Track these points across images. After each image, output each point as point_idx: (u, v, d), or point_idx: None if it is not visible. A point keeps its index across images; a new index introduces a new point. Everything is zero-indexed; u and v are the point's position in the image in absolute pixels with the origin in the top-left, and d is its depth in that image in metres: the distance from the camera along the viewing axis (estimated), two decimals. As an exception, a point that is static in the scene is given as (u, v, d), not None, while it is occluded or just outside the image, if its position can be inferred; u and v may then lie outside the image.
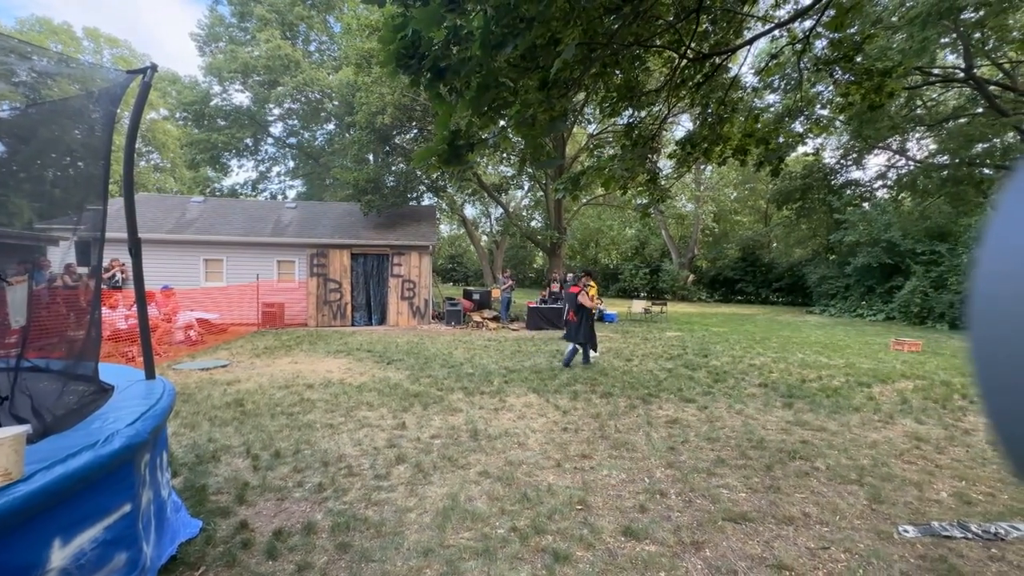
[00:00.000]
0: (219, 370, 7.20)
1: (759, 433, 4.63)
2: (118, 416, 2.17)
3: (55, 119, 3.28)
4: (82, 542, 1.66)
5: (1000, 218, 0.49)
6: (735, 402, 5.70)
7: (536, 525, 2.91)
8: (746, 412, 5.32)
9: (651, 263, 30.51)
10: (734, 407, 5.51)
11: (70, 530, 1.62)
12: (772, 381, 6.80)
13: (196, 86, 25.79)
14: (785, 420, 5.06)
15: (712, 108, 5.14)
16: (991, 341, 0.48)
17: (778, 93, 18.13)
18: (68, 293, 4.74)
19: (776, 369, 7.69)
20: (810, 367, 7.87)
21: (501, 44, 2.11)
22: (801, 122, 7.46)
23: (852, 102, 6.47)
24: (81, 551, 1.65)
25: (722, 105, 4.98)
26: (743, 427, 4.81)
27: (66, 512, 1.60)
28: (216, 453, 3.97)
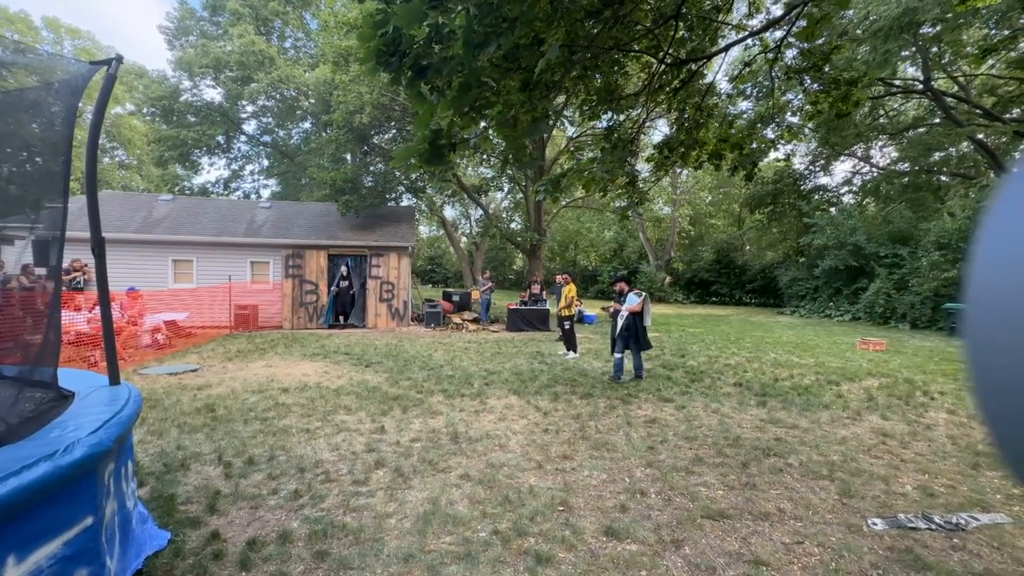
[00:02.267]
0: (189, 374, 6.94)
1: (735, 431, 4.73)
2: (79, 424, 2.06)
3: (10, 111, 3.11)
4: (39, 559, 1.57)
5: (995, 221, 0.49)
6: (711, 401, 5.82)
7: (518, 527, 2.90)
8: (722, 411, 5.44)
9: (629, 265, 30.94)
10: (711, 406, 5.62)
11: (26, 547, 1.52)
12: (747, 380, 6.96)
13: (165, 81, 24.88)
14: (759, 418, 5.19)
15: (689, 113, 5.24)
16: (988, 345, 0.48)
17: (750, 100, 18.68)
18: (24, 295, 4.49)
19: (750, 368, 7.88)
20: (782, 366, 8.10)
21: (484, 43, 2.10)
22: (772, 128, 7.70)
23: (821, 110, 6.71)
24: (38, 568, 1.56)
25: (698, 110, 5.09)
26: (720, 426, 4.91)
27: (21, 527, 1.51)
28: (185, 461, 3.82)
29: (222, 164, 29.34)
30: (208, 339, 10.52)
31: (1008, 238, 0.47)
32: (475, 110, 2.74)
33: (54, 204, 2.81)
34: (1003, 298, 0.45)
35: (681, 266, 29.09)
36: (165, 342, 9.56)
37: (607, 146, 5.08)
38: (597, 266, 32.81)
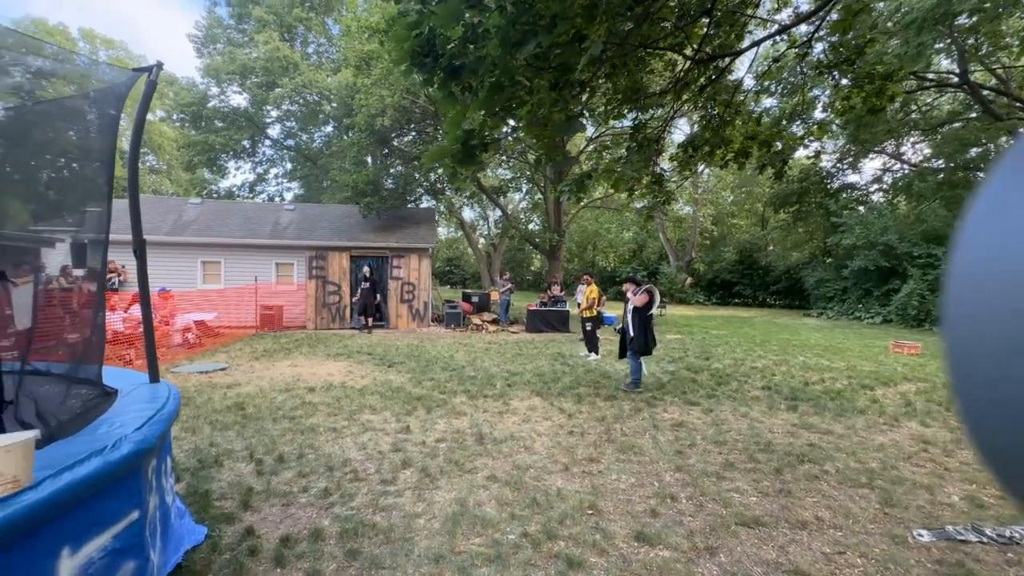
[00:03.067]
0: (218, 373, 7.12)
1: (766, 436, 4.61)
2: (124, 421, 2.11)
3: (49, 120, 3.23)
4: (91, 551, 1.61)
5: (985, 207, 0.45)
6: (740, 405, 5.68)
7: (547, 530, 2.87)
8: (751, 415, 5.30)
9: (649, 266, 30.58)
10: (739, 410, 5.49)
11: (79, 538, 1.57)
12: (775, 384, 6.79)
13: (194, 87, 25.67)
14: (791, 423, 5.04)
15: (718, 110, 5.14)
16: (969, 348, 0.45)
17: (775, 97, 18.26)
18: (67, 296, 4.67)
19: (778, 372, 7.68)
20: (812, 369, 7.87)
21: (521, 42, 2.09)
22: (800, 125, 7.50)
23: (853, 105, 6.51)
24: (90, 560, 1.60)
25: (727, 107, 4.98)
26: (749, 430, 4.79)
27: (75, 520, 1.55)
28: (219, 458, 3.90)
29: (248, 168, 30.12)
30: (235, 339, 10.77)
31: (999, 231, 0.43)
32: (506, 110, 2.73)
33: (95, 208, 2.91)
34: (991, 293, 0.42)
35: (703, 267, 28.59)
36: (195, 341, 9.83)
37: (632, 145, 5.02)
38: (616, 267, 32.50)
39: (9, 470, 1.31)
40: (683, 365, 8.17)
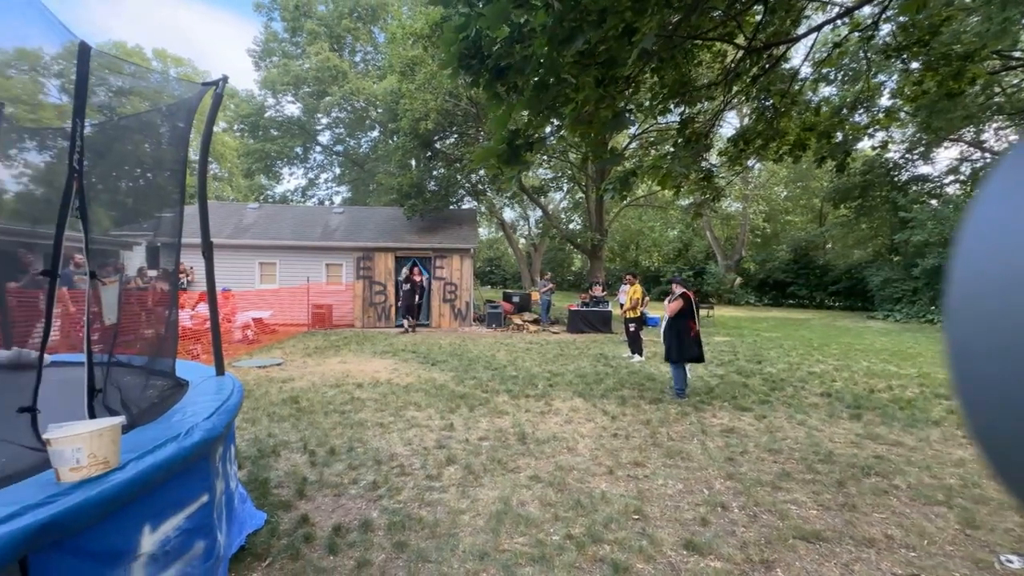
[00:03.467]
0: (274, 368, 7.52)
1: (826, 446, 4.33)
2: (194, 410, 2.27)
3: (128, 134, 3.52)
4: (168, 529, 1.74)
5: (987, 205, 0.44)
6: (796, 412, 5.37)
7: (592, 533, 2.83)
8: (809, 423, 5.00)
9: (695, 265, 29.54)
10: (795, 417, 5.19)
11: (158, 517, 1.70)
12: (836, 390, 6.37)
13: (252, 99, 27.30)
14: (854, 433, 4.71)
15: (773, 101, 4.88)
16: (971, 346, 0.44)
17: (834, 85, 17.12)
18: (144, 294, 5.10)
19: (839, 378, 7.20)
20: (878, 376, 7.32)
21: (569, 39, 2.06)
22: (864, 114, 6.99)
23: (926, 90, 6.00)
24: (167, 538, 1.73)
25: (783, 98, 4.72)
26: (807, 439, 4.52)
27: (154, 500, 1.69)
28: (276, 448, 4.12)
29: (300, 173, 31.76)
30: (289, 336, 11.36)
31: (1001, 230, 0.42)
32: (551, 109, 2.71)
33: (169, 213, 3.14)
34: (995, 292, 0.41)
35: (753, 266, 27.29)
36: (253, 338, 10.45)
37: (680, 140, 4.86)
38: (660, 266, 31.63)
39: (101, 452, 1.44)
40: (733, 369, 7.83)
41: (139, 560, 1.61)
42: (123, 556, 1.54)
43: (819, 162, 5.79)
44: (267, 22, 27.85)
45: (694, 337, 5.85)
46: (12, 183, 4.26)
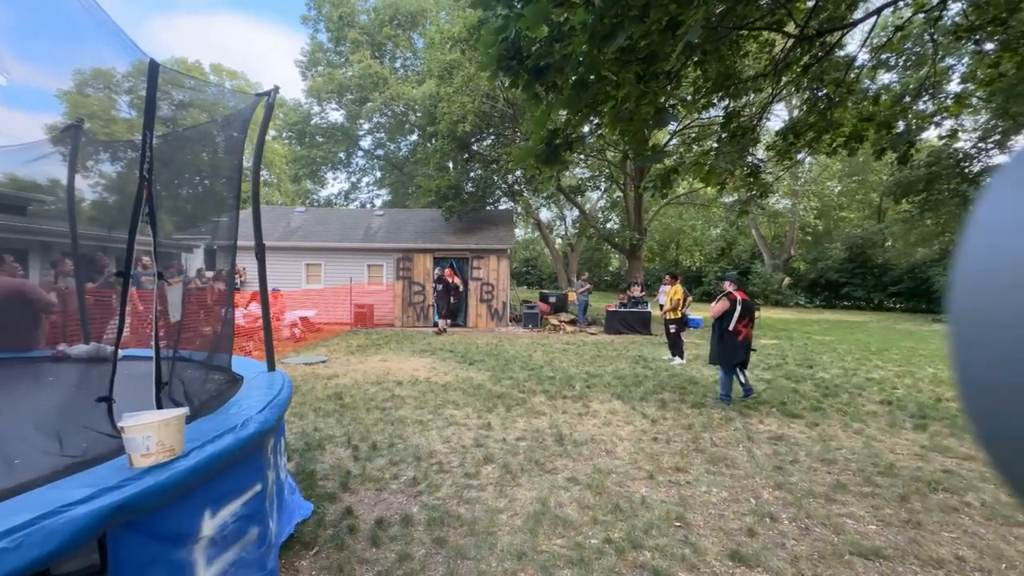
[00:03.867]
0: (319, 365, 7.84)
1: (886, 457, 4.05)
2: (248, 404, 2.40)
3: (188, 144, 3.77)
4: (226, 515, 1.85)
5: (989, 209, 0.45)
6: (852, 420, 5.06)
7: (632, 539, 2.77)
8: (867, 432, 4.69)
9: (739, 265, 28.38)
10: (851, 426, 4.89)
11: (217, 503, 1.81)
12: (897, 398, 5.94)
13: (299, 107, 28.58)
14: (919, 444, 4.38)
15: (828, 90, 4.61)
16: (978, 351, 0.44)
17: (895, 71, 15.99)
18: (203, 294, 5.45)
19: (901, 385, 6.72)
20: (945, 384, 6.77)
21: (611, 35, 2.03)
22: (930, 101, 6.47)
23: (1003, 73, 5.52)
24: (225, 523, 1.84)
25: (838, 87, 4.45)
26: (865, 449, 4.24)
27: (214, 487, 1.79)
28: (321, 442, 4.29)
29: (343, 177, 32.90)
30: (333, 334, 11.80)
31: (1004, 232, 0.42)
32: (590, 107, 2.68)
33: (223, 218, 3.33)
34: (996, 292, 0.42)
35: (803, 266, 25.91)
36: (300, 336, 10.93)
37: (724, 135, 4.67)
38: (702, 266, 30.61)
39: (168, 440, 1.55)
40: (781, 373, 7.46)
41: (200, 543, 1.71)
42: (187, 538, 1.65)
43: (878, 154, 5.43)
44: (313, 33, 29.08)
45: (741, 341, 5.52)
46: (89, 192, 4.66)
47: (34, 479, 1.43)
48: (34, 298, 3.61)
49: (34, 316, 3.58)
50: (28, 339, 3.48)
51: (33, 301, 3.59)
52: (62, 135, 3.87)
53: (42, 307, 3.65)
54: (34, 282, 3.80)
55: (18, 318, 3.45)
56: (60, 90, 20.54)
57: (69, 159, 3.73)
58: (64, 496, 1.29)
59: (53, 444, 1.66)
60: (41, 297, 3.68)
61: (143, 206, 1.87)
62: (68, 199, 3.70)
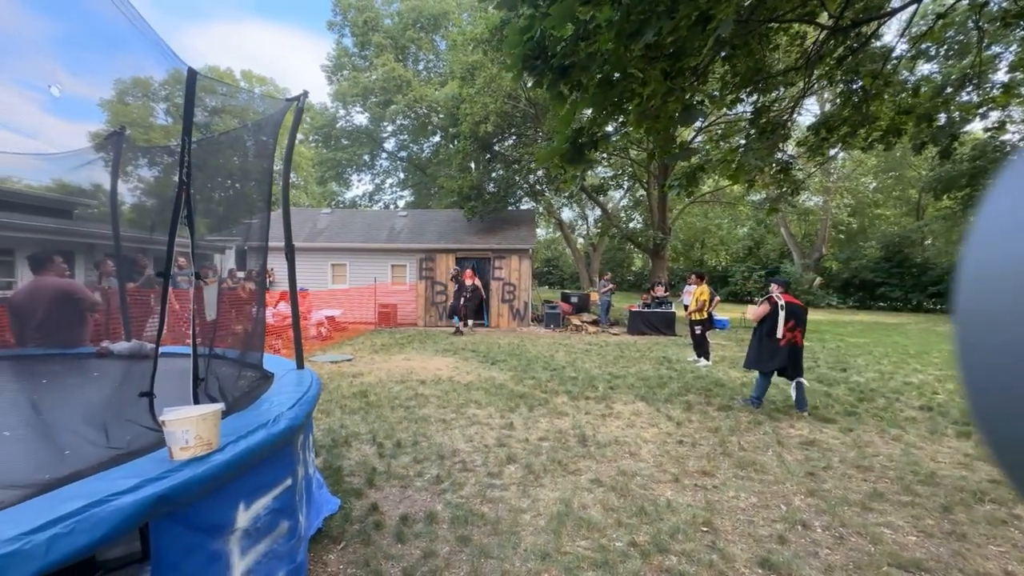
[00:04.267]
0: (345, 363, 8.00)
1: (927, 466, 3.87)
2: (279, 401, 2.46)
3: (221, 148, 3.90)
4: (258, 508, 1.90)
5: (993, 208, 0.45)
6: (889, 426, 4.86)
7: (657, 542, 2.73)
8: (906, 439, 4.50)
9: (767, 265, 27.60)
10: (888, 432, 4.69)
11: (250, 496, 1.87)
12: (938, 404, 5.68)
13: (325, 111, 29.25)
14: (963, 453, 4.17)
15: (861, 83, 4.44)
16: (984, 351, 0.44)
17: (936, 61, 15.27)
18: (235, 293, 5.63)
19: (942, 390, 6.41)
20: (991, 389, 6.42)
21: (639, 32, 2.00)
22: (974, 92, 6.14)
23: (1056, 59, 5.21)
24: (258, 516, 1.89)
25: (874, 79, 4.28)
26: (904, 457, 4.06)
27: (248, 481, 1.85)
28: (347, 439, 4.38)
29: (367, 179, 33.48)
30: (357, 333, 12.02)
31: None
32: (615, 105, 2.65)
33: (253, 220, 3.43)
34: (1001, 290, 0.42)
35: (836, 265, 25.00)
36: (327, 335, 11.18)
37: (753, 132, 4.55)
38: (728, 265, 29.90)
39: (205, 434, 1.61)
40: (813, 376, 7.21)
41: (235, 534, 1.77)
42: (222, 529, 1.71)
43: (918, 148, 5.21)
44: (338, 39, 29.67)
45: (783, 346, 5.26)
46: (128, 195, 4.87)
47: (82, 469, 1.51)
48: (80, 297, 3.80)
49: (80, 314, 3.77)
50: (75, 336, 3.66)
51: (79, 300, 3.78)
52: (105, 142, 4.06)
53: (87, 306, 3.84)
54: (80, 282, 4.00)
55: (66, 316, 3.64)
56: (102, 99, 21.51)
57: (112, 165, 3.91)
58: (110, 486, 1.35)
59: (100, 436, 1.74)
60: (87, 296, 3.87)
61: (182, 209, 1.94)
62: (111, 203, 3.88)
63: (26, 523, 1.13)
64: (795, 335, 5.28)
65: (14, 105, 2.95)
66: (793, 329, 5.27)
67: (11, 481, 1.43)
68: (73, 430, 1.89)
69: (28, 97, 2.84)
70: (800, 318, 5.32)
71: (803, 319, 5.33)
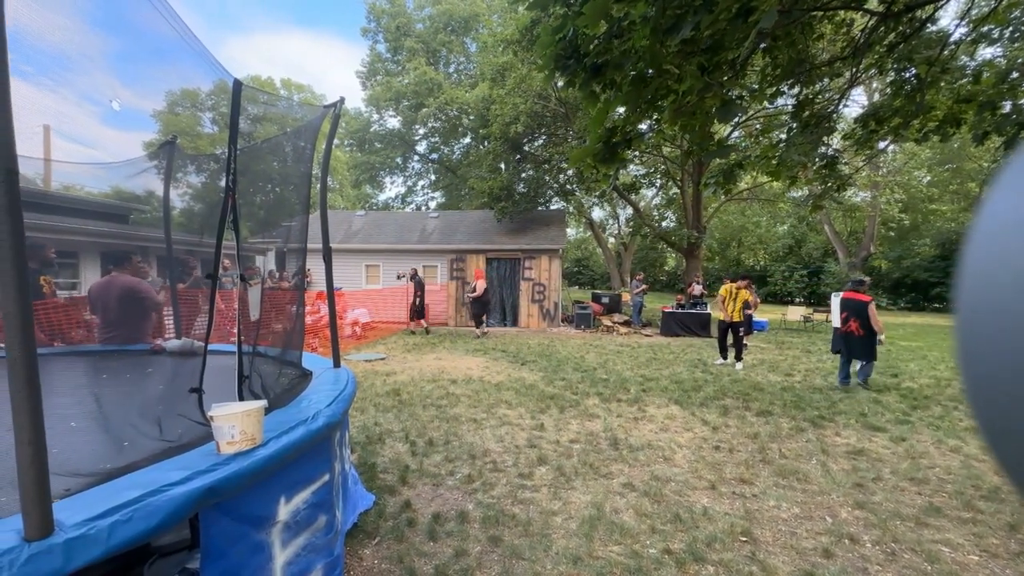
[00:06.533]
0: (378, 362, 8.18)
1: (990, 480, 3.60)
2: (317, 398, 2.54)
3: (262, 154, 4.06)
4: (298, 502, 1.97)
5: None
6: (947, 436, 4.55)
7: (693, 551, 2.65)
8: (965, 451, 4.20)
9: (809, 264, 26.43)
10: (945, 442, 4.40)
11: (291, 490, 1.93)
12: (1002, 414, 5.27)
13: (360, 116, 30.06)
14: (1031, 467, 3.85)
15: (917, 71, 4.18)
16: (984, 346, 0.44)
17: (999, 45, 14.20)
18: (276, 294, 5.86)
19: (1007, 398, 5.95)
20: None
21: (674, 28, 1.95)
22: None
23: None
24: (297, 509, 1.96)
25: (931, 66, 4.01)
26: (963, 470, 3.79)
27: (288, 475, 1.92)
28: (381, 436, 4.47)
29: (400, 181, 34.34)
30: (390, 333, 12.28)
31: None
32: (649, 102, 2.59)
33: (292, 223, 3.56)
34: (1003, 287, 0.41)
35: (885, 264, 23.67)
36: (360, 334, 11.47)
37: (795, 126, 4.36)
38: (767, 265, 28.80)
39: (249, 430, 1.68)
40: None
41: (276, 527, 1.84)
42: (265, 521, 1.78)
43: (979, 139, 4.84)
44: (372, 45, 30.42)
45: (840, 334, 6.42)
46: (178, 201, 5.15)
47: (137, 460, 1.60)
48: (144, 296, 4.05)
49: (145, 312, 4.03)
50: (139, 332, 3.91)
51: (144, 299, 4.03)
52: (158, 151, 4.31)
53: (151, 304, 4.09)
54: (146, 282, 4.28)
55: (133, 314, 3.89)
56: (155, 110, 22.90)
57: (164, 172, 4.15)
58: (163, 477, 1.43)
59: (154, 429, 1.84)
60: (151, 295, 4.12)
61: (228, 213, 2.03)
62: (164, 208, 4.12)
63: (90, 510, 1.21)
64: (850, 325, 6.21)
65: (77, 118, 3.16)
66: (847, 320, 6.22)
67: (77, 469, 1.54)
68: (130, 423, 2.01)
69: (89, 110, 3.04)
70: (852, 310, 6.21)
71: (860, 312, 6.15)
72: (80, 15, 2.30)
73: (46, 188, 8.40)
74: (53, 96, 2.65)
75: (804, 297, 25.43)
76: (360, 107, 31.00)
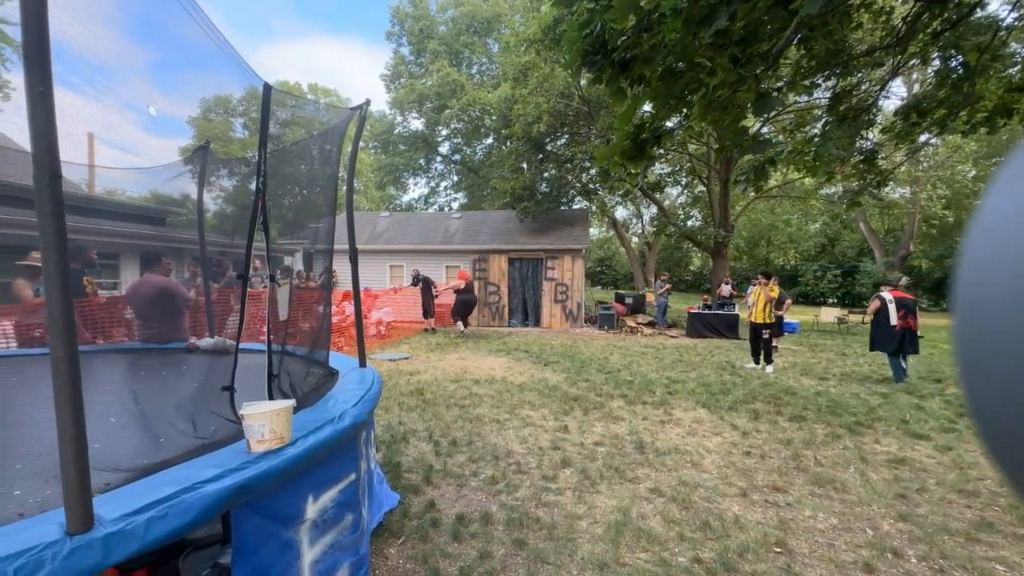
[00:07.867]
0: (402, 362, 8.27)
1: (1048, 494, 3.36)
2: (344, 398, 2.56)
3: (290, 157, 4.14)
4: (325, 501, 1.99)
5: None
6: (998, 446, 4.28)
7: (724, 561, 2.57)
8: (1019, 462, 3.94)
9: (843, 263, 25.46)
10: (997, 453, 4.13)
11: (318, 489, 1.95)
12: (1060, 423, 4.93)
13: (384, 118, 30.55)
14: (1094, 481, 3.59)
15: (965, 59, 3.94)
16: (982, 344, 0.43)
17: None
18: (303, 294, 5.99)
19: (1064, 407, 5.57)
20: None
21: (709, 18, 1.88)
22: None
23: None
24: (325, 508, 1.98)
25: (981, 54, 3.78)
26: (1017, 482, 3.56)
27: (316, 474, 1.94)
28: (406, 435, 4.51)
29: (423, 183, 34.67)
30: (413, 332, 12.41)
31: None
32: (679, 97, 2.52)
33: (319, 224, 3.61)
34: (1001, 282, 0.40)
35: (925, 263, 22.58)
36: (385, 333, 11.63)
37: (832, 119, 4.17)
38: (797, 264, 27.88)
39: (279, 429, 1.70)
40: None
41: (304, 525, 1.86)
42: (294, 519, 1.80)
43: (1034, 130, 4.55)
44: (396, 48, 30.87)
45: (899, 330, 6.63)
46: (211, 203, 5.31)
47: (172, 457, 1.64)
48: (174, 293, 4.20)
49: (178, 310, 4.17)
50: (173, 329, 4.05)
51: (176, 297, 4.17)
52: (193, 156, 4.46)
53: (182, 302, 4.23)
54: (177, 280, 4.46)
55: (167, 312, 4.04)
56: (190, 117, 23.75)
57: (199, 176, 4.28)
58: (197, 474, 1.46)
59: (188, 426, 1.89)
60: (181, 293, 4.27)
61: (258, 216, 2.07)
62: (198, 211, 4.25)
63: (128, 505, 1.24)
64: (907, 321, 6.63)
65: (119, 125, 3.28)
66: (904, 317, 6.63)
67: (117, 464, 1.59)
68: (166, 420, 2.07)
69: (129, 118, 3.15)
70: (910, 308, 6.71)
71: (912, 308, 6.72)
72: (121, 27, 2.38)
73: (90, 192, 8.82)
74: (98, 105, 2.75)
75: (838, 298, 24.50)
76: (384, 110, 31.51)
